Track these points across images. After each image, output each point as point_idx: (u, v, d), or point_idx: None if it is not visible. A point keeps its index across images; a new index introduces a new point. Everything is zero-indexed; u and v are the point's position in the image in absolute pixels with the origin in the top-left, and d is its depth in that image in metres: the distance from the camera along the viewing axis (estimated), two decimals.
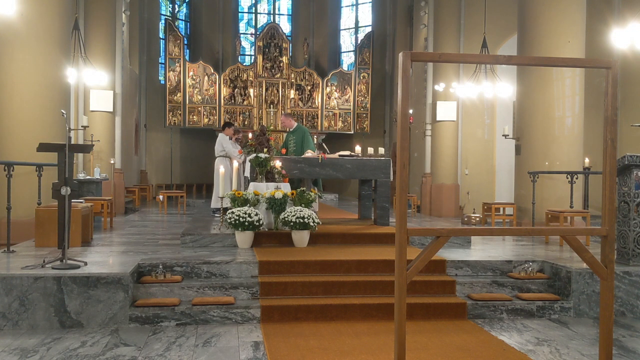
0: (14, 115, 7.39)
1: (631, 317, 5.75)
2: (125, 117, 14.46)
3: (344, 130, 19.11)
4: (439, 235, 2.48)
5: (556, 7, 8.97)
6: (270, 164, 7.91)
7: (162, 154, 19.75)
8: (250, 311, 5.29)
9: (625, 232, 6.11)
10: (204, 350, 4.49)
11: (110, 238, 8.08)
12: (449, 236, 2.48)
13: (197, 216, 10.48)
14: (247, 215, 6.80)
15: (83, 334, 4.86)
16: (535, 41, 9.17)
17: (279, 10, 23.13)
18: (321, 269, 6.07)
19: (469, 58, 5.27)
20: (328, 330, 5.03)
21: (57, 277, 5.09)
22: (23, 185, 7.06)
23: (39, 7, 7.47)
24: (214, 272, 5.88)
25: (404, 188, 2.35)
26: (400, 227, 2.32)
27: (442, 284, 5.92)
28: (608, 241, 2.40)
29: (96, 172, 11.16)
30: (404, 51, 2.46)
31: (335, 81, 19.11)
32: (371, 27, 21.05)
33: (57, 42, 7.77)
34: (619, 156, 8.27)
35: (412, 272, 2.37)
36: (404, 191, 2.35)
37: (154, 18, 20.01)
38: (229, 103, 18.42)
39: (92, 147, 9.33)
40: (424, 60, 2.73)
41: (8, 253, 6.23)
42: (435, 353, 4.48)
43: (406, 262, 2.35)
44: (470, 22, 13.65)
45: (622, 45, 8.02)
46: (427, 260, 2.41)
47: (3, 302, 4.99)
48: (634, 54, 9.36)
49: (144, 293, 5.49)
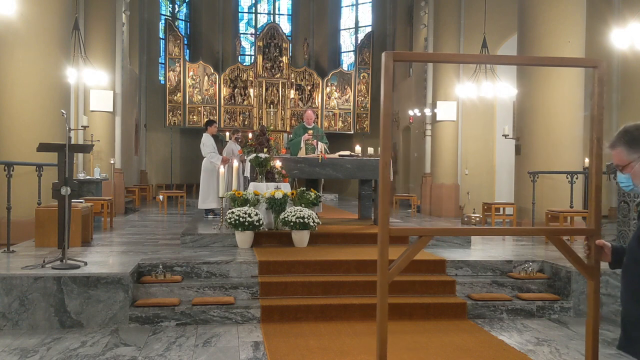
0: (14, 115, 7.39)
1: None
2: (125, 117, 14.46)
3: (344, 130, 19.11)
4: (421, 235, 2.48)
5: (556, 7, 8.96)
6: (270, 164, 7.91)
7: (162, 154, 19.75)
8: (250, 311, 5.29)
9: (625, 232, 6.12)
10: (204, 350, 4.50)
11: (110, 238, 8.08)
12: (431, 236, 2.48)
13: (197, 216, 10.48)
14: (247, 215, 6.80)
15: (83, 334, 4.86)
16: (535, 41, 9.16)
17: (279, 10, 23.13)
18: (321, 269, 6.06)
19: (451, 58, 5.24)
20: (328, 330, 5.02)
21: (57, 277, 5.09)
22: (23, 185, 7.05)
23: (39, 7, 7.47)
24: (214, 272, 5.88)
25: (386, 187, 2.35)
26: (382, 227, 2.32)
27: (442, 284, 5.92)
28: (593, 241, 2.38)
29: (96, 172, 11.16)
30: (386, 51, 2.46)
31: (335, 81, 19.12)
32: (371, 27, 21.06)
33: (57, 42, 7.77)
34: None
35: (394, 272, 2.37)
36: (385, 190, 2.35)
37: (154, 18, 20.01)
38: (229, 103, 18.43)
39: (92, 147, 9.33)
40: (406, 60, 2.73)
41: (8, 253, 6.23)
42: (435, 353, 4.48)
43: (388, 262, 2.35)
44: (470, 22, 13.64)
45: (622, 45, 8.02)
46: (409, 259, 2.40)
47: (3, 302, 4.99)
48: (634, 54, 9.35)
49: (144, 293, 5.49)
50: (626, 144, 2.11)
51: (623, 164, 2.13)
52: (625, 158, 2.11)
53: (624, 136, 2.12)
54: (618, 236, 6.25)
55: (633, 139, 2.10)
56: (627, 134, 2.11)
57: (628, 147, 2.10)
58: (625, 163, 2.12)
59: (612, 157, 2.18)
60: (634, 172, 2.11)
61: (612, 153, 2.17)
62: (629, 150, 2.10)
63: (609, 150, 2.18)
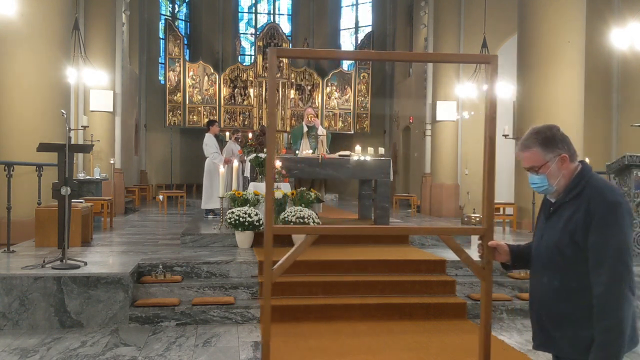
0: (14, 115, 7.39)
1: None
2: (125, 117, 14.46)
3: (344, 130, 19.10)
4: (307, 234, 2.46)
5: (556, 7, 8.96)
6: None
7: (162, 154, 19.74)
8: (250, 311, 5.29)
9: None
10: (204, 350, 4.50)
11: (110, 238, 8.08)
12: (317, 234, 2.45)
13: (197, 216, 10.48)
14: (247, 215, 6.80)
15: (83, 334, 4.86)
16: (535, 41, 9.16)
17: (279, 10, 23.13)
18: (321, 269, 6.07)
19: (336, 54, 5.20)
20: (328, 330, 5.02)
21: (57, 277, 5.09)
22: (23, 185, 7.05)
23: (39, 7, 7.47)
24: (214, 272, 5.88)
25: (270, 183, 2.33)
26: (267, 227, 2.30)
27: (442, 284, 5.92)
28: (485, 241, 2.36)
29: (96, 172, 11.15)
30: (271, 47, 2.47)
31: (335, 81, 19.11)
32: (371, 27, 21.05)
33: (57, 42, 7.77)
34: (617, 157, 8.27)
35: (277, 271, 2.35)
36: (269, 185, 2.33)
37: (154, 18, 20.01)
38: (229, 103, 18.42)
39: (92, 147, 9.32)
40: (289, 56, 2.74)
41: (8, 253, 6.23)
42: (435, 353, 4.48)
43: (272, 262, 2.33)
44: (470, 22, 13.64)
45: (622, 45, 8.02)
46: (293, 259, 2.37)
47: (3, 302, 4.99)
48: (634, 54, 9.35)
49: (144, 293, 5.49)
50: (541, 145, 2.14)
51: (539, 164, 2.15)
52: (542, 158, 2.14)
53: (538, 137, 2.15)
54: None
55: (547, 139, 2.13)
56: (540, 134, 2.15)
57: (543, 148, 2.13)
58: (542, 163, 2.14)
59: (524, 160, 2.19)
60: (550, 172, 2.14)
61: (523, 155, 2.18)
62: (545, 150, 2.13)
63: (520, 152, 2.19)
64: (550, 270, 2.13)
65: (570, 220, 2.07)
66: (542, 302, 2.17)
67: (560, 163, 2.13)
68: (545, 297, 2.15)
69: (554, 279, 2.11)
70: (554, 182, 2.15)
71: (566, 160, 2.14)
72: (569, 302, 2.07)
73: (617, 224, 1.99)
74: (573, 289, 2.06)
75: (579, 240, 2.03)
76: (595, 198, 2.03)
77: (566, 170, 2.14)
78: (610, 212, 2.00)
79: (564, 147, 2.14)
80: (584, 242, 2.02)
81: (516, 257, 2.40)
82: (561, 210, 2.14)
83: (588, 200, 2.04)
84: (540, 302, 2.18)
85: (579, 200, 2.07)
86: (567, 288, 2.08)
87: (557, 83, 8.99)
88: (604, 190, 2.05)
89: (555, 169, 2.14)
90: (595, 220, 2.00)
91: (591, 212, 2.01)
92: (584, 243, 2.02)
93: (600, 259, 1.98)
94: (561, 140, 2.14)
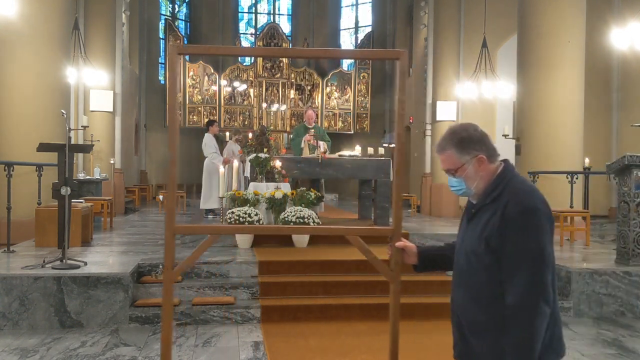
0: (14, 115, 7.39)
1: (631, 317, 5.75)
2: (125, 117, 14.45)
3: (344, 130, 19.10)
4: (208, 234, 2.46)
5: (556, 7, 8.96)
6: (270, 164, 7.91)
7: (162, 154, 19.74)
8: (250, 311, 5.29)
9: (625, 232, 6.10)
10: (204, 350, 4.50)
11: (110, 238, 8.08)
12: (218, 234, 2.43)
13: (197, 216, 10.48)
14: (247, 215, 6.80)
15: (83, 334, 4.86)
16: (535, 41, 9.15)
17: (279, 10, 23.13)
18: (321, 269, 6.07)
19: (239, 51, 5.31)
20: (328, 330, 5.02)
21: (57, 277, 5.09)
22: (23, 185, 7.05)
23: (39, 7, 7.46)
24: (214, 272, 5.88)
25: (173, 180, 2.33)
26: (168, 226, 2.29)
27: (442, 284, 5.91)
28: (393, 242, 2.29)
29: (96, 172, 11.15)
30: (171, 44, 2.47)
31: (335, 81, 19.11)
32: (371, 27, 21.05)
33: (57, 42, 7.77)
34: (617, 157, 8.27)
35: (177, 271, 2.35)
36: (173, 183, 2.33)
37: (154, 18, 20.00)
38: (229, 103, 18.43)
39: (92, 147, 9.32)
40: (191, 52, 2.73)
41: (8, 253, 6.23)
42: (436, 353, 4.48)
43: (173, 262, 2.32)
44: (470, 22, 13.63)
45: (622, 45, 8.01)
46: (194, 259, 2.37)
47: (3, 302, 4.99)
48: (634, 54, 9.35)
49: (144, 293, 5.49)
50: (456, 147, 2.01)
51: (455, 167, 2.02)
52: (457, 161, 2.01)
53: (453, 138, 2.02)
54: (618, 236, 6.24)
55: (462, 140, 2.00)
56: (456, 135, 2.02)
57: (459, 149, 2.00)
58: (458, 166, 2.02)
59: (441, 162, 2.08)
60: (467, 175, 2.01)
61: (440, 157, 2.07)
62: (460, 152, 2.00)
63: (437, 154, 2.08)
64: (468, 276, 2.00)
65: (487, 225, 1.92)
66: (462, 309, 2.03)
67: (478, 165, 1.99)
68: (464, 304, 2.02)
69: (473, 286, 1.98)
70: (472, 185, 2.02)
71: (484, 161, 1.99)
72: (488, 311, 1.93)
73: (533, 231, 1.85)
74: (491, 296, 1.92)
75: (495, 246, 1.89)
76: (510, 202, 1.88)
77: (485, 172, 1.99)
78: (525, 217, 1.85)
79: (481, 148, 1.99)
80: (500, 249, 1.88)
81: (425, 259, 2.31)
82: (481, 213, 1.98)
83: (505, 204, 1.89)
84: (460, 309, 2.05)
85: (497, 203, 1.93)
86: (485, 295, 1.94)
87: (557, 83, 8.98)
88: (521, 193, 1.91)
89: (472, 171, 2.00)
90: (509, 226, 1.86)
91: (505, 217, 1.87)
92: (500, 250, 1.88)
93: (514, 268, 1.85)
94: (478, 141, 2.00)
